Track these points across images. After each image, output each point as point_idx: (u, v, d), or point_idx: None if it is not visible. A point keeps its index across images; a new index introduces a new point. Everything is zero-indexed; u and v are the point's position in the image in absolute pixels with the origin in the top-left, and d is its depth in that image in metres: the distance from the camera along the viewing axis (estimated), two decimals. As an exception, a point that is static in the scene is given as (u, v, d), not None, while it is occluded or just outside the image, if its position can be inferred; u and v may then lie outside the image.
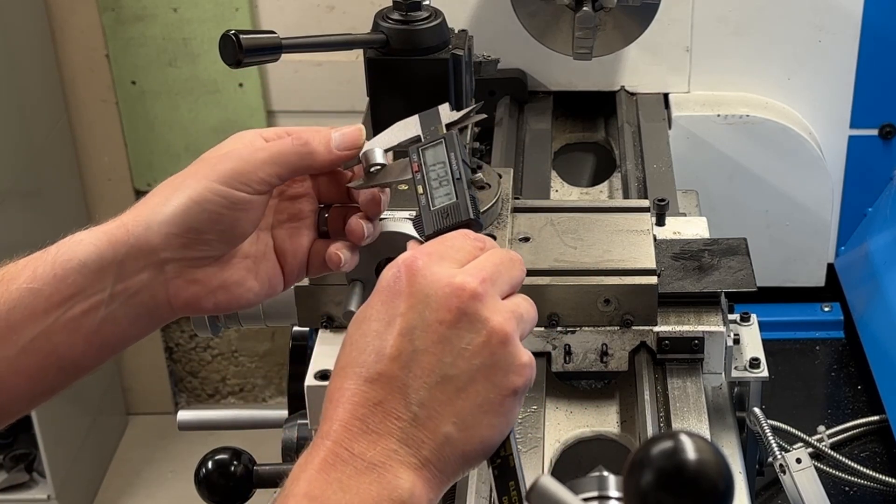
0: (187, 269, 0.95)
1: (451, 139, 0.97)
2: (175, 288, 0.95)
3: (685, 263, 1.25)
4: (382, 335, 0.81)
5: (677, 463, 0.71)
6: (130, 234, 0.93)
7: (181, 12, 2.65)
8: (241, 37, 1.13)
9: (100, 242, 0.92)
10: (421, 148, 0.97)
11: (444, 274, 0.82)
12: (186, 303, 0.96)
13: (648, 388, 1.17)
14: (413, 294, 0.81)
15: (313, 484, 0.77)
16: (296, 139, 0.96)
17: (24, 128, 2.62)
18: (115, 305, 0.93)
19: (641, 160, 1.61)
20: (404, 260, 0.83)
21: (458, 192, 0.93)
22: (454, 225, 0.91)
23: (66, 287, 0.91)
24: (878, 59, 1.73)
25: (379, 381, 0.80)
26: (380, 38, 1.24)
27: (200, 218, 0.93)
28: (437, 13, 1.26)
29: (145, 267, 0.93)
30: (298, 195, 1.01)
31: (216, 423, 1.36)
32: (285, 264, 1.01)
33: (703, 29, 1.73)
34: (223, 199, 0.93)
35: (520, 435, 1.14)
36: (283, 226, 1.01)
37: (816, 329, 1.76)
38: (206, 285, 0.96)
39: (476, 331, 0.81)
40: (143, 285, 0.93)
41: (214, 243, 0.95)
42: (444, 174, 0.94)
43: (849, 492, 1.44)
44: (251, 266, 0.98)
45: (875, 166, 1.80)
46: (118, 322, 0.93)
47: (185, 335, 3.10)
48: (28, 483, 2.75)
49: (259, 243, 0.99)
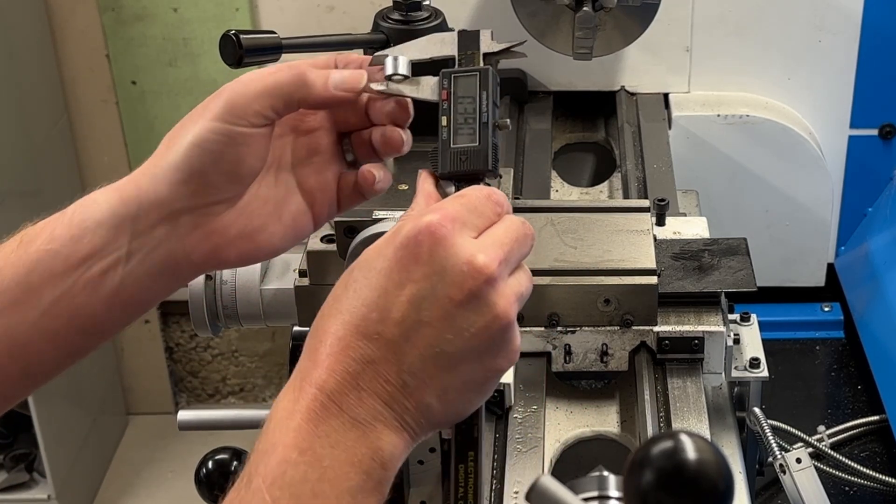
0: (203, 220, 0.92)
1: (486, 75, 0.91)
2: (193, 241, 0.92)
3: (685, 263, 1.25)
4: (391, 296, 0.80)
5: (677, 463, 0.71)
6: (140, 189, 0.91)
7: (181, 12, 2.65)
8: (241, 37, 1.13)
9: (112, 200, 0.90)
10: (454, 75, 0.91)
11: (466, 249, 0.81)
12: (207, 255, 0.93)
13: (648, 388, 1.17)
14: (431, 263, 0.80)
15: (301, 435, 0.77)
16: (292, 70, 0.92)
17: (24, 128, 2.62)
18: (134, 263, 0.90)
19: (641, 160, 1.61)
20: (429, 224, 0.80)
21: (481, 137, 0.88)
22: (471, 172, 0.87)
23: (83, 247, 0.89)
24: (878, 59, 1.73)
25: (377, 340, 0.79)
26: (380, 38, 1.24)
27: (203, 160, 0.90)
28: (437, 13, 1.26)
29: (159, 221, 0.91)
30: (313, 128, 0.98)
31: (216, 423, 1.36)
32: (314, 202, 0.97)
33: (703, 29, 1.73)
34: (222, 137, 0.90)
35: (520, 435, 1.14)
36: (305, 163, 0.97)
37: (816, 329, 1.76)
38: (225, 235, 0.93)
39: (482, 314, 0.81)
40: (159, 240, 0.91)
41: (223, 185, 0.92)
42: (471, 111, 0.89)
43: (849, 492, 1.44)
44: (272, 210, 0.95)
45: (875, 166, 1.80)
46: (139, 280, 0.91)
47: (185, 335, 3.10)
48: (28, 483, 2.75)
49: (279, 185, 0.96)
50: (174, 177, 0.90)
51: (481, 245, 0.82)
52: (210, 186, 0.91)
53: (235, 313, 1.29)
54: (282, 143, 0.96)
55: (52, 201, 0.95)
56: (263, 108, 0.91)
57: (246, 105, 0.91)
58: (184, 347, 3.12)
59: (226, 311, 1.29)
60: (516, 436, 1.14)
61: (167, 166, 0.91)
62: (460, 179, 0.88)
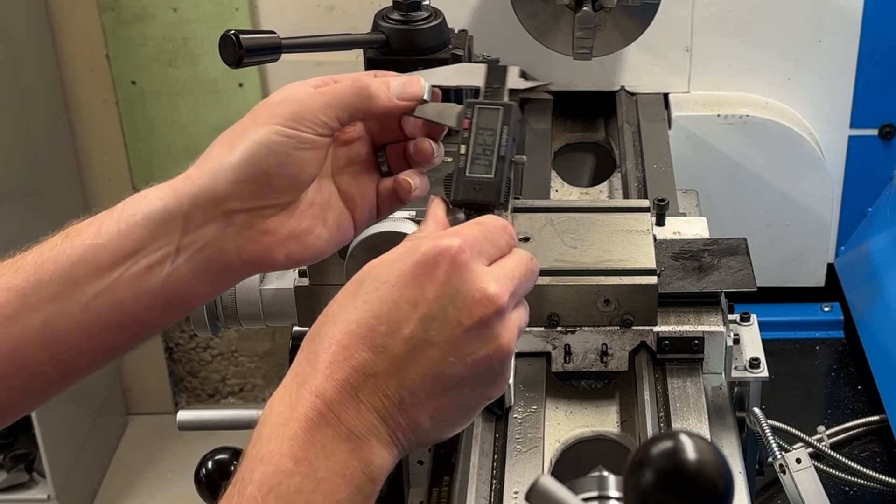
0: (257, 220, 0.93)
1: (509, 111, 0.93)
2: (244, 240, 0.93)
3: (685, 263, 1.25)
4: (402, 311, 0.80)
5: (677, 463, 0.71)
6: (196, 185, 0.91)
7: (181, 12, 2.65)
8: (241, 37, 1.13)
9: (165, 196, 0.91)
10: (479, 106, 0.93)
11: (480, 277, 0.82)
12: (257, 255, 0.94)
13: (648, 388, 1.17)
14: (446, 285, 0.81)
15: (297, 444, 0.77)
16: (356, 82, 0.95)
17: (24, 128, 2.62)
18: (181, 260, 0.91)
19: (641, 160, 1.61)
20: (449, 248, 0.81)
21: (496, 170, 0.90)
22: (482, 202, 0.89)
23: (131, 242, 0.89)
24: (878, 59, 1.73)
25: (383, 353, 0.79)
26: (380, 38, 1.24)
27: (269, 161, 0.91)
28: (437, 13, 1.26)
29: (213, 218, 0.91)
30: (352, 139, 1.00)
31: (216, 423, 1.36)
32: (355, 208, 1.00)
33: (703, 29, 1.73)
34: (290, 140, 0.92)
35: (519, 435, 1.14)
36: (344, 171, 1.00)
37: (816, 329, 1.76)
38: (277, 235, 0.94)
39: (486, 343, 0.82)
40: (210, 238, 0.91)
41: (284, 189, 0.93)
42: (490, 143, 0.91)
43: (849, 492, 1.44)
44: (318, 214, 0.97)
45: (875, 166, 1.80)
46: (185, 278, 0.91)
47: (185, 335, 3.10)
48: (28, 483, 2.75)
49: (322, 191, 0.98)
50: (238, 175, 0.91)
51: (494, 275, 0.83)
52: (272, 189, 0.92)
53: (235, 313, 1.29)
54: (335, 167, 0.99)
55: (52, 201, 0.96)
56: (329, 119, 0.94)
57: (313, 114, 0.93)
58: (184, 347, 3.12)
59: (225, 311, 1.29)
60: (516, 436, 1.14)
61: (230, 165, 0.91)
62: (471, 208, 0.90)
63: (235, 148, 0.91)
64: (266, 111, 0.93)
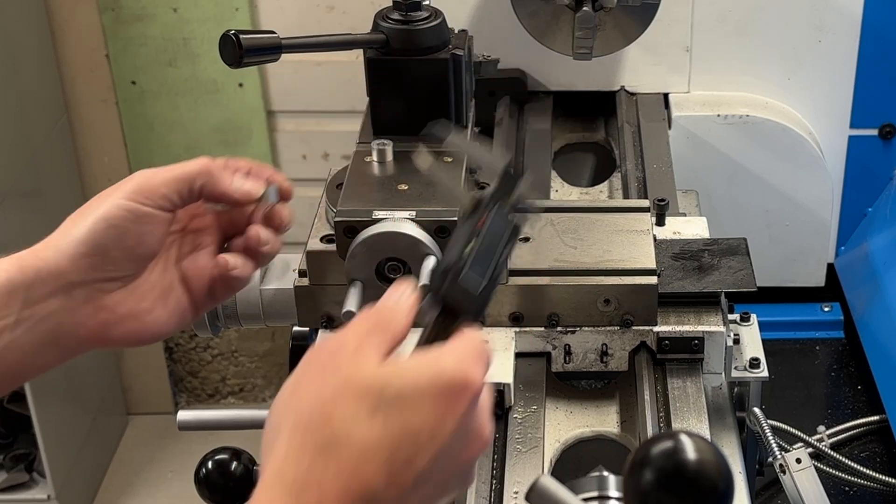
0: (96, 294, 0.96)
1: (516, 232, 0.92)
2: (83, 315, 0.96)
3: (685, 263, 1.25)
4: (421, 442, 0.76)
5: (677, 463, 0.71)
6: (39, 259, 0.94)
7: (181, 12, 2.65)
8: (241, 37, 1.13)
9: (10, 268, 0.94)
10: (499, 208, 0.92)
11: (485, 415, 0.81)
12: (94, 331, 0.97)
13: (648, 388, 1.17)
14: (462, 421, 0.78)
15: None
16: (202, 164, 1.01)
17: (24, 128, 2.62)
18: (20, 331, 0.93)
19: (641, 160, 1.61)
20: (474, 381, 0.78)
21: (487, 285, 0.87)
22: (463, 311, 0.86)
23: None
24: (878, 59, 1.73)
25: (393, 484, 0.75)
26: (380, 38, 1.24)
27: (108, 234, 0.96)
28: (437, 13, 1.26)
29: (54, 292, 0.94)
30: (201, 228, 1.05)
31: (216, 423, 1.36)
32: (192, 289, 1.04)
33: (703, 29, 1.73)
34: (128, 213, 0.96)
35: (520, 435, 1.14)
36: (187, 257, 1.04)
37: (816, 329, 1.76)
38: (115, 312, 0.98)
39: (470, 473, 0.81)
40: (50, 311, 0.94)
41: (122, 262, 0.97)
42: (492, 251, 0.89)
43: (849, 492, 1.44)
44: (159, 296, 1.01)
45: (875, 166, 1.80)
46: (22, 349, 0.94)
47: (185, 335, 3.10)
48: (28, 483, 2.75)
49: (166, 274, 1.02)
50: (77, 249, 0.95)
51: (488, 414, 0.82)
52: (109, 261, 0.96)
53: (235, 313, 1.28)
54: (172, 239, 1.03)
55: (52, 201, 0.97)
56: (170, 192, 0.99)
57: (155, 188, 0.98)
58: (184, 347, 3.12)
59: (226, 311, 1.29)
60: (516, 436, 1.14)
61: (72, 239, 0.95)
62: (449, 310, 0.87)
63: (77, 224, 0.96)
64: (113, 187, 0.98)
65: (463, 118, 1.28)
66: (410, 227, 1.11)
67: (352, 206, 1.15)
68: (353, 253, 1.12)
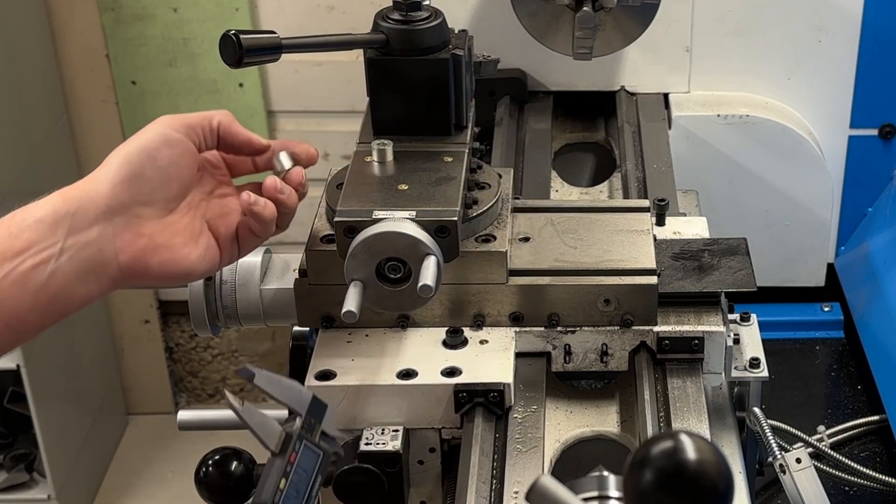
0: (134, 221, 1.04)
1: (326, 461, 0.97)
2: (123, 241, 1.03)
3: (685, 263, 1.25)
4: None
5: (677, 463, 0.71)
6: (81, 190, 1.02)
7: (181, 12, 2.65)
8: (241, 37, 1.13)
9: (55, 200, 1.00)
10: (306, 443, 0.97)
11: None
12: (133, 258, 1.04)
13: (648, 388, 1.17)
14: None
15: None
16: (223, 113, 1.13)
17: (24, 128, 2.62)
18: (64, 259, 0.99)
19: (641, 160, 1.61)
20: None
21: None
22: None
23: (20, 243, 0.97)
24: (878, 59, 1.73)
25: None
26: (380, 38, 1.24)
27: (141, 157, 1.05)
28: (437, 13, 1.26)
29: (95, 219, 1.01)
30: (226, 195, 1.15)
31: (216, 423, 1.36)
32: (219, 236, 1.12)
33: (703, 29, 1.73)
34: (159, 137, 1.06)
35: (520, 435, 1.14)
36: (215, 210, 1.13)
37: (816, 329, 1.76)
38: (152, 240, 1.05)
39: None
40: (92, 239, 1.01)
41: (156, 184, 1.06)
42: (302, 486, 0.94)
43: (849, 492, 1.44)
44: (191, 236, 1.09)
45: (875, 166, 1.80)
46: (67, 277, 0.99)
47: (185, 335, 3.10)
48: (28, 483, 2.75)
49: (196, 221, 1.10)
50: (116, 176, 1.03)
51: None
52: (145, 182, 1.05)
53: (235, 313, 1.28)
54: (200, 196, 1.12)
55: None
56: (194, 124, 1.10)
57: (180, 119, 1.10)
58: (184, 347, 3.12)
59: (226, 311, 1.29)
60: (516, 436, 1.14)
61: (110, 168, 1.04)
62: None
63: (114, 155, 1.05)
64: (144, 128, 1.08)
65: (463, 118, 1.28)
66: (410, 227, 1.11)
67: (352, 206, 1.15)
68: (353, 253, 1.12)
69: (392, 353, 1.19)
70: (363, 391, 1.15)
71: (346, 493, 1.13)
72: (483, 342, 1.20)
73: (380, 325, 1.22)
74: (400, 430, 1.15)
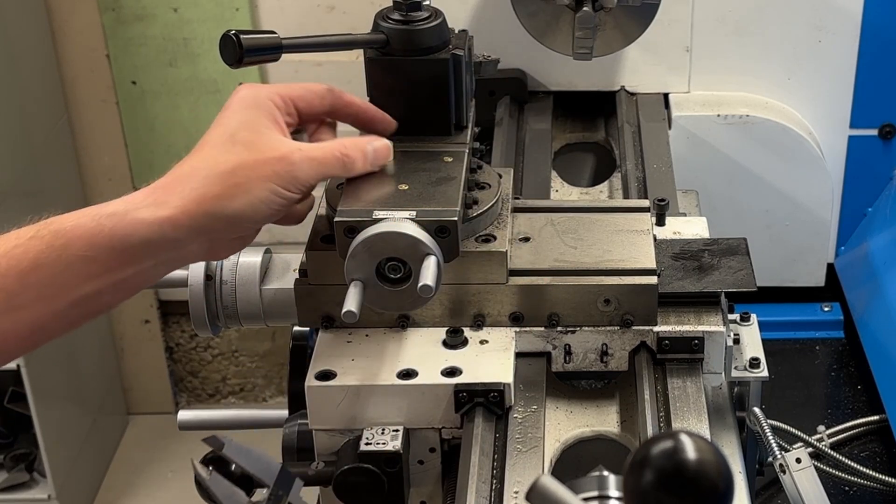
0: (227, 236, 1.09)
1: None
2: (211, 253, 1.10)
3: (685, 263, 1.25)
4: None
5: (677, 463, 0.71)
6: (192, 220, 1.03)
7: (181, 12, 2.65)
8: (241, 37, 1.13)
9: (164, 225, 1.01)
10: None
11: None
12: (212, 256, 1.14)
13: (648, 388, 1.17)
14: None
15: None
16: (340, 150, 1.12)
17: (24, 128, 2.62)
18: (162, 268, 1.05)
19: (641, 160, 1.61)
20: None
21: None
22: None
23: (127, 257, 1.00)
24: (878, 59, 1.73)
25: None
26: (380, 38, 1.24)
27: (258, 216, 1.07)
28: (437, 13, 1.26)
29: (196, 241, 1.05)
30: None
31: (216, 423, 1.36)
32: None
33: (703, 29, 1.73)
34: (280, 199, 1.07)
35: (520, 435, 1.14)
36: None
37: (816, 329, 1.76)
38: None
39: None
40: (187, 254, 1.05)
41: (259, 227, 1.11)
42: None
43: (849, 492, 1.44)
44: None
45: (875, 166, 1.80)
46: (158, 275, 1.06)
47: (185, 335, 3.10)
48: (28, 483, 2.75)
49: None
50: (231, 222, 1.05)
51: None
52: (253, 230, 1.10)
53: (235, 313, 1.28)
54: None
55: (52, 201, 0.98)
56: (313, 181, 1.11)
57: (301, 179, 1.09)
58: (184, 347, 3.12)
59: (226, 311, 1.29)
60: (516, 436, 1.14)
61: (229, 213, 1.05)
62: None
63: (235, 198, 1.04)
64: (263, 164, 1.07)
65: (463, 118, 1.28)
66: (411, 227, 1.11)
67: (352, 206, 1.15)
68: (353, 253, 1.12)
69: (392, 353, 1.19)
70: (363, 391, 1.15)
71: (346, 492, 1.13)
72: (483, 342, 1.20)
73: (380, 325, 1.22)
74: (400, 430, 1.15)
